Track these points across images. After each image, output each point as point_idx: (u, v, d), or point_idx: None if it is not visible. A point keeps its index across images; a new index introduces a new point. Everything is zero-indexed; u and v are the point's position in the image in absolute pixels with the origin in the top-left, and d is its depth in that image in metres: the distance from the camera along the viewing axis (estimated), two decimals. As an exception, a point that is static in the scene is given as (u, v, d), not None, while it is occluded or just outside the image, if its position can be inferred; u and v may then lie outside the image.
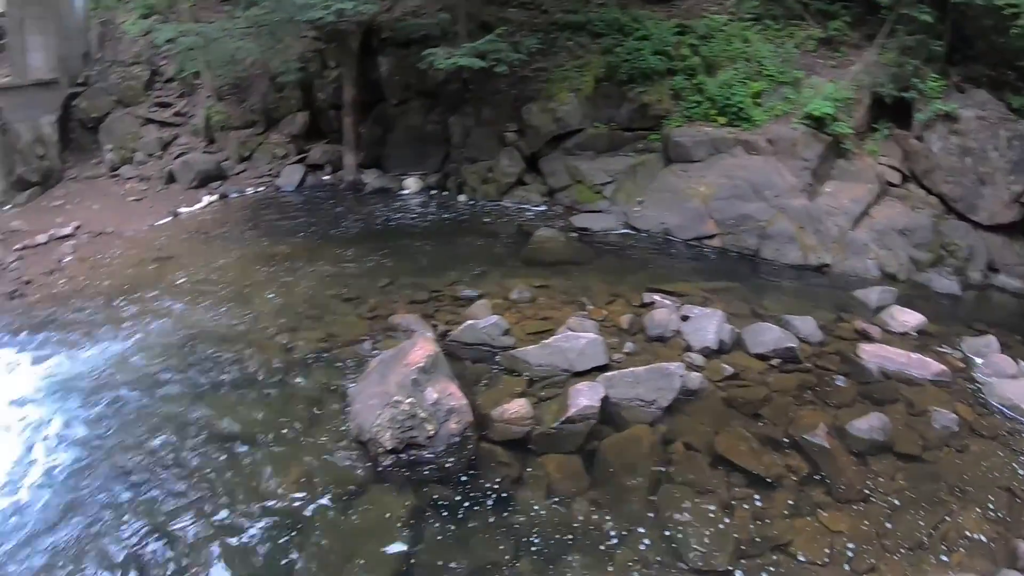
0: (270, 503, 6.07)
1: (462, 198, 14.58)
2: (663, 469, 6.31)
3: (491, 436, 6.66)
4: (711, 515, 5.80)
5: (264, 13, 14.02)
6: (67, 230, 13.64)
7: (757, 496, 6.04)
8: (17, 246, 12.90)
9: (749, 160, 12.29)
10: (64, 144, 17.38)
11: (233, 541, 5.71)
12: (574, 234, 12.26)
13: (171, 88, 18.64)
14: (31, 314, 10.18)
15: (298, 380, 7.80)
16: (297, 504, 6.05)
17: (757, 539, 5.62)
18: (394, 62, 16.03)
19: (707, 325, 8.23)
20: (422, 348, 6.96)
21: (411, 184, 15.32)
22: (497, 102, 14.94)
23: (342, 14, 12.88)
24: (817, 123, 12.27)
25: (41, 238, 13.27)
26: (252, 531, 5.81)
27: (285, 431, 6.95)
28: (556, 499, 6.01)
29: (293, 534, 5.76)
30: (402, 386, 6.52)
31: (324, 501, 6.07)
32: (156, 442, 6.90)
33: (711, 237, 11.82)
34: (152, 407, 7.51)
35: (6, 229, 13.74)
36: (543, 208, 13.71)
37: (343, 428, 6.87)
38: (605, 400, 6.89)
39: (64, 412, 7.56)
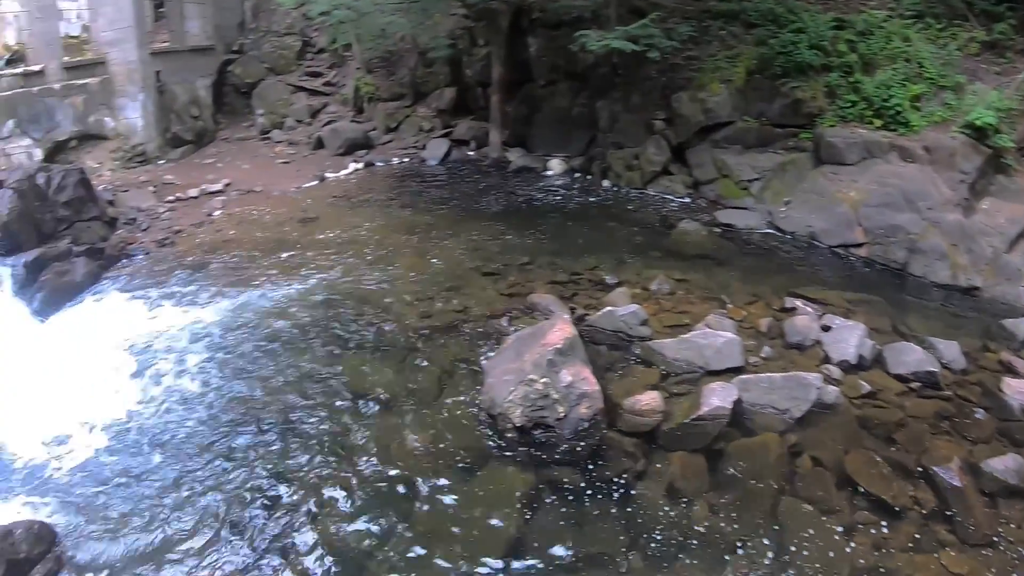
0: (394, 463, 6.28)
1: (606, 183, 14.47)
2: (788, 482, 6.16)
3: (619, 425, 6.65)
4: (832, 536, 5.64)
5: None
6: (217, 186, 14.34)
7: (881, 523, 5.84)
8: (169, 198, 13.68)
9: (903, 167, 11.66)
10: (217, 107, 18.48)
11: (352, 494, 5.95)
12: (717, 230, 12.03)
13: (322, 59, 19.48)
14: (179, 262, 10.82)
15: (433, 348, 8.01)
16: (420, 467, 6.23)
17: (876, 569, 5.43)
18: (543, 43, 16.04)
19: (848, 338, 7.96)
20: (560, 330, 7.01)
21: (555, 166, 15.35)
22: (646, 89, 14.72)
23: None
24: (978, 133, 11.48)
25: (192, 192, 14.04)
26: (372, 487, 6.03)
27: (416, 396, 7.17)
28: (676, 498, 5.96)
29: (412, 495, 5.94)
30: (538, 365, 6.58)
31: (447, 467, 6.23)
32: (289, 394, 7.28)
33: (858, 246, 11.34)
34: (288, 360, 7.89)
35: (159, 182, 14.60)
36: (687, 200, 13.49)
37: (474, 399, 7.00)
38: (737, 403, 6.76)
39: (202, 357, 8.04)
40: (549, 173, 15.22)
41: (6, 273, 9.61)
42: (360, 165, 15.82)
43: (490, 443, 6.51)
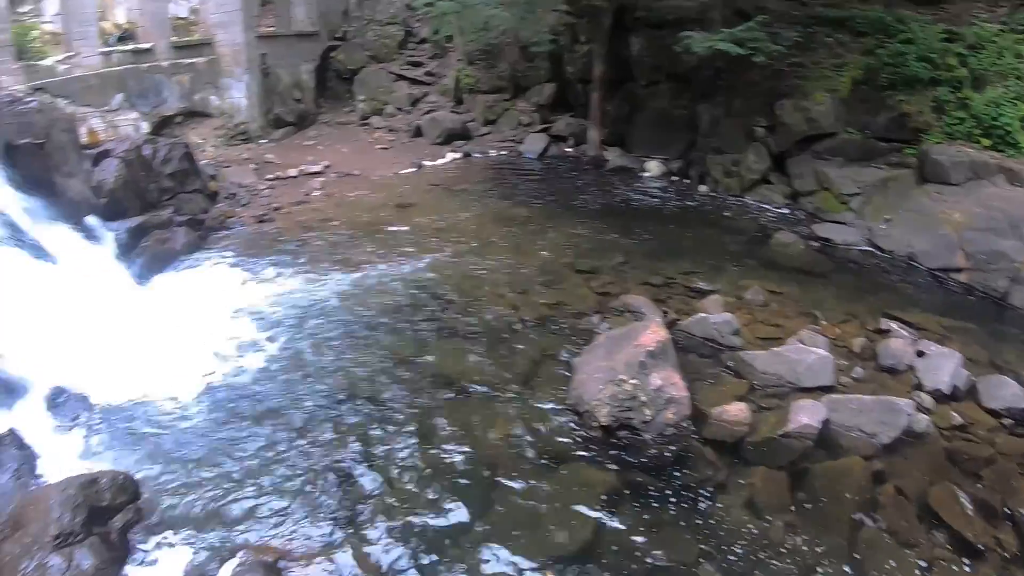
0: (476, 450, 6.41)
1: (703, 188, 14.37)
2: (870, 509, 6.06)
3: (704, 434, 6.66)
4: (911, 570, 5.52)
5: None
6: (317, 168, 14.81)
7: (962, 562, 5.67)
8: (269, 176, 14.20)
9: (1011, 191, 11.17)
10: (320, 91, 19.03)
11: (431, 478, 6.08)
12: (814, 243, 11.81)
13: (423, 49, 19.84)
14: (276, 238, 11.28)
15: (524, 340, 8.15)
16: (501, 457, 6.33)
17: (952, 609, 5.25)
18: (646, 42, 15.95)
19: (943, 366, 7.75)
20: (653, 332, 7.08)
21: (653, 167, 15.32)
22: (749, 94, 14.50)
23: None
24: (1092, 161, 10.87)
25: (292, 172, 14.53)
26: (452, 473, 6.16)
27: (504, 386, 7.29)
28: (755, 513, 5.93)
29: (490, 485, 6.04)
30: (629, 366, 6.65)
31: (528, 459, 6.34)
32: (378, 373, 7.50)
33: (958, 271, 10.91)
34: (379, 340, 8.15)
35: (261, 160, 15.15)
36: (785, 211, 13.28)
37: (561, 395, 7.08)
38: (825, 423, 6.72)
39: (293, 330, 8.39)
40: (646, 174, 15.22)
41: (110, 237, 10.15)
42: (458, 155, 16.11)
43: (574, 440, 6.60)
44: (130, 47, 15.03)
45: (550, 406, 7.01)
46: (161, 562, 5.38)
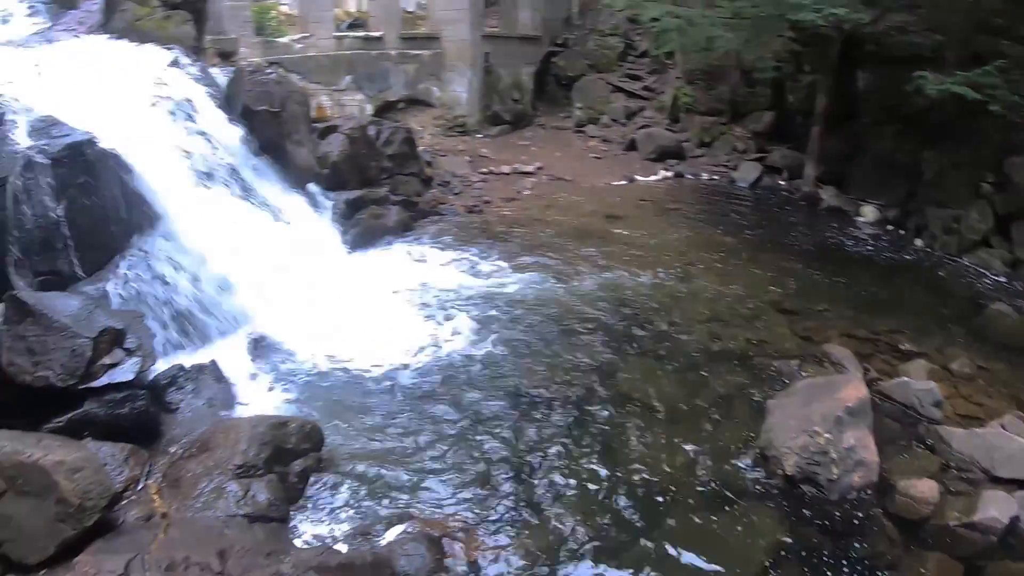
0: (652, 471, 6.43)
1: (919, 243, 13.60)
2: None
3: (886, 505, 6.40)
4: None
5: (749, 6, 14.08)
6: (529, 168, 15.30)
7: None
8: (483, 170, 14.85)
9: None
10: (537, 94, 19.60)
11: (598, 492, 6.14)
12: (1034, 321, 10.95)
13: (642, 63, 19.97)
14: (484, 229, 11.83)
15: (718, 372, 8.07)
16: (674, 485, 6.32)
17: None
18: (873, 78, 15.33)
19: None
20: (855, 389, 6.88)
21: (868, 212, 14.69)
22: (978, 145, 13.50)
23: (834, 20, 12.53)
24: None
25: (505, 169, 15.13)
26: (620, 491, 6.19)
27: (692, 414, 7.27)
28: None
29: (661, 507, 6.05)
30: (825, 419, 6.49)
31: (704, 490, 6.29)
32: (562, 379, 7.67)
33: None
34: (569, 345, 8.35)
35: (476, 154, 15.81)
36: (1003, 279, 12.32)
37: (748, 435, 6.99)
38: (1015, 520, 6.26)
39: (487, 320, 8.79)
40: (860, 219, 14.61)
41: (329, 205, 11.02)
42: (669, 174, 16.08)
43: (754, 482, 6.51)
44: (361, 34, 16.26)
45: (735, 444, 6.94)
46: (330, 513, 5.76)
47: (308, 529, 5.60)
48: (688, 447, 6.80)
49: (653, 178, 15.87)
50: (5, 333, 5.95)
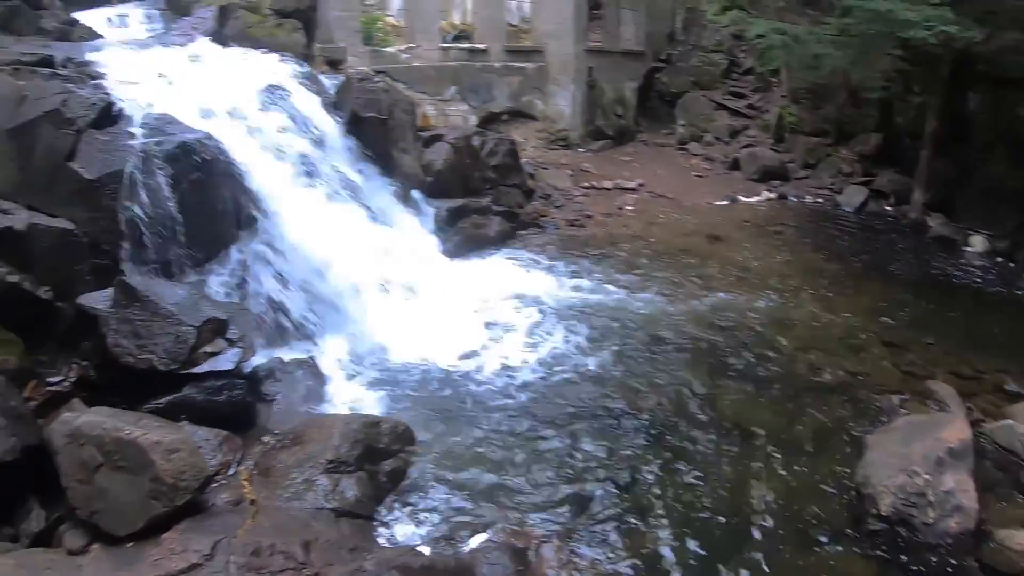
0: (740, 497, 6.26)
1: (1030, 277, 12.88)
2: None
3: (983, 555, 6.01)
4: None
5: (857, 22, 13.44)
6: (631, 184, 15.21)
7: None
8: (584, 184, 14.83)
9: None
10: (640, 110, 19.43)
11: (686, 517, 6.00)
12: None
13: (746, 80, 19.65)
14: (584, 244, 11.84)
15: (817, 402, 7.79)
16: (765, 511, 6.15)
17: None
18: (986, 100, 14.63)
19: None
20: (957, 430, 6.61)
21: (977, 243, 14.01)
22: None
23: (945, 38, 11.89)
24: None
25: (607, 184, 15.06)
26: (706, 516, 6.04)
27: (787, 444, 7.03)
28: None
29: (744, 540, 5.87)
30: (925, 459, 6.22)
31: (791, 522, 6.09)
32: (656, 398, 7.53)
33: None
34: (664, 364, 8.23)
35: (577, 168, 15.76)
36: (1117, 321, 11.66)
37: (844, 470, 6.72)
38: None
39: (581, 334, 8.76)
40: (969, 250, 13.94)
41: (431, 212, 11.22)
42: (772, 195, 15.74)
43: (845, 519, 6.25)
44: (466, 46, 16.47)
45: (830, 478, 6.69)
46: (415, 515, 5.80)
47: (393, 529, 5.64)
48: (782, 477, 6.60)
49: (756, 199, 15.55)
50: (113, 316, 6.24)
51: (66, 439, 5.04)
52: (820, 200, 15.85)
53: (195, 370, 6.27)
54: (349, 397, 7.34)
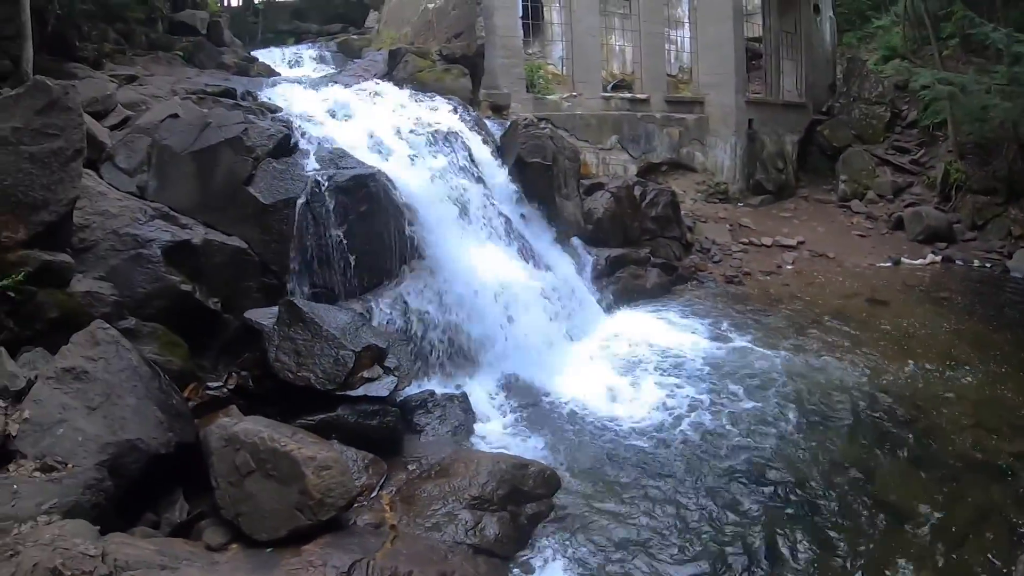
0: None
1: None
2: None
3: None
4: None
5: None
6: (791, 242, 14.80)
7: None
8: (743, 240, 14.51)
9: None
10: (800, 164, 18.92)
11: None
12: None
13: (911, 134, 18.66)
14: (741, 301, 11.55)
15: (976, 487, 7.14)
16: None
17: None
18: None
19: None
20: None
21: None
22: None
23: None
24: None
25: (766, 241, 14.72)
26: None
27: (938, 528, 6.47)
28: None
29: None
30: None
31: None
32: (805, 467, 7.14)
33: None
34: (809, 432, 7.80)
35: (736, 222, 15.47)
36: None
37: (999, 563, 6.08)
38: None
39: (733, 395, 8.47)
40: None
41: (590, 260, 11.30)
42: (937, 258, 14.83)
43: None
44: (628, 96, 16.51)
45: (984, 570, 6.07)
46: (552, 562, 5.70)
47: (529, 573, 5.58)
48: (933, 563, 6.08)
49: (920, 261, 14.67)
50: (276, 333, 6.52)
51: (222, 442, 5.29)
52: (988, 264, 14.62)
53: (350, 393, 6.46)
54: (497, 435, 7.39)
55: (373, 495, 5.95)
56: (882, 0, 21.85)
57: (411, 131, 9.73)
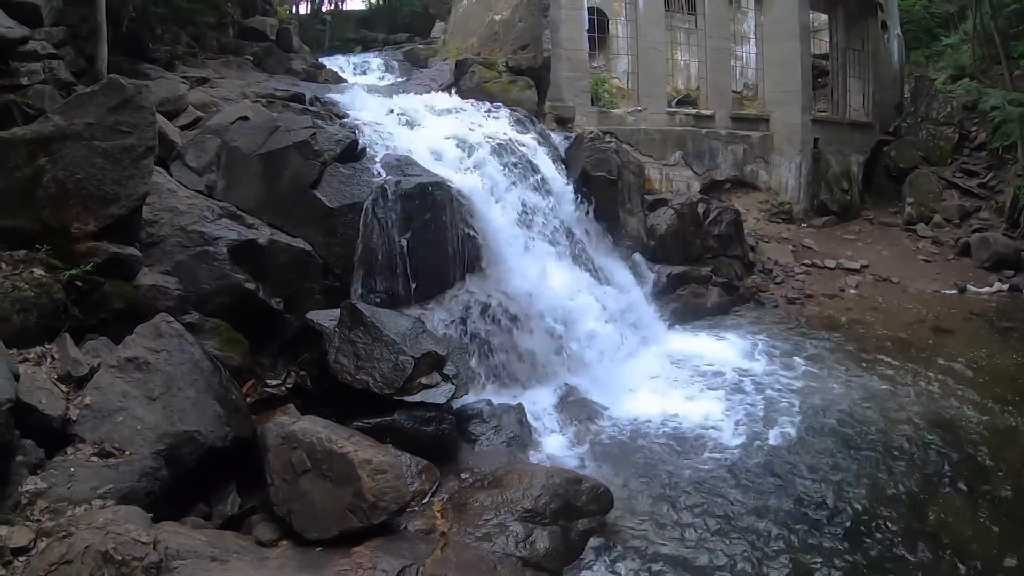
0: None
1: None
2: None
3: None
4: None
5: None
6: (854, 265, 14.47)
7: None
8: (806, 261, 14.24)
9: None
10: (866, 185, 18.48)
11: None
12: None
13: (979, 156, 18.10)
14: (801, 324, 11.31)
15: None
16: None
17: None
18: None
19: None
20: None
21: None
22: None
23: None
24: None
25: (829, 263, 14.42)
26: None
27: (991, 566, 6.20)
28: None
29: None
30: None
31: None
32: (852, 494, 6.93)
33: None
34: (866, 462, 7.54)
35: (799, 243, 15.21)
36: None
37: None
38: None
39: (787, 420, 8.21)
40: None
41: (651, 276, 11.25)
42: (1004, 287, 14.31)
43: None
44: (693, 111, 16.43)
45: None
46: (601, 579, 5.58)
47: (576, 590, 5.50)
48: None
49: (986, 290, 14.18)
50: (337, 335, 6.56)
51: (280, 439, 5.35)
52: (1057, 295, 14.26)
53: (408, 398, 6.47)
54: (553, 448, 7.30)
55: (425, 501, 5.93)
56: (951, 18, 21.51)
57: (477, 141, 9.76)
